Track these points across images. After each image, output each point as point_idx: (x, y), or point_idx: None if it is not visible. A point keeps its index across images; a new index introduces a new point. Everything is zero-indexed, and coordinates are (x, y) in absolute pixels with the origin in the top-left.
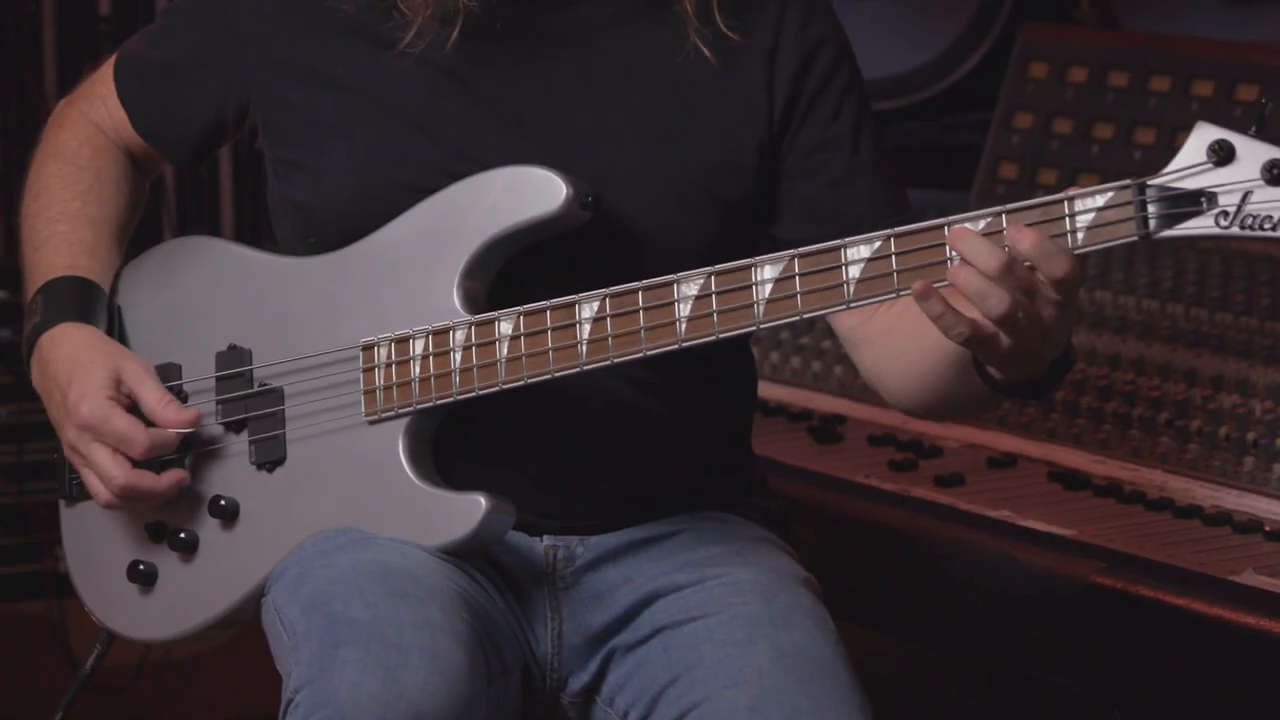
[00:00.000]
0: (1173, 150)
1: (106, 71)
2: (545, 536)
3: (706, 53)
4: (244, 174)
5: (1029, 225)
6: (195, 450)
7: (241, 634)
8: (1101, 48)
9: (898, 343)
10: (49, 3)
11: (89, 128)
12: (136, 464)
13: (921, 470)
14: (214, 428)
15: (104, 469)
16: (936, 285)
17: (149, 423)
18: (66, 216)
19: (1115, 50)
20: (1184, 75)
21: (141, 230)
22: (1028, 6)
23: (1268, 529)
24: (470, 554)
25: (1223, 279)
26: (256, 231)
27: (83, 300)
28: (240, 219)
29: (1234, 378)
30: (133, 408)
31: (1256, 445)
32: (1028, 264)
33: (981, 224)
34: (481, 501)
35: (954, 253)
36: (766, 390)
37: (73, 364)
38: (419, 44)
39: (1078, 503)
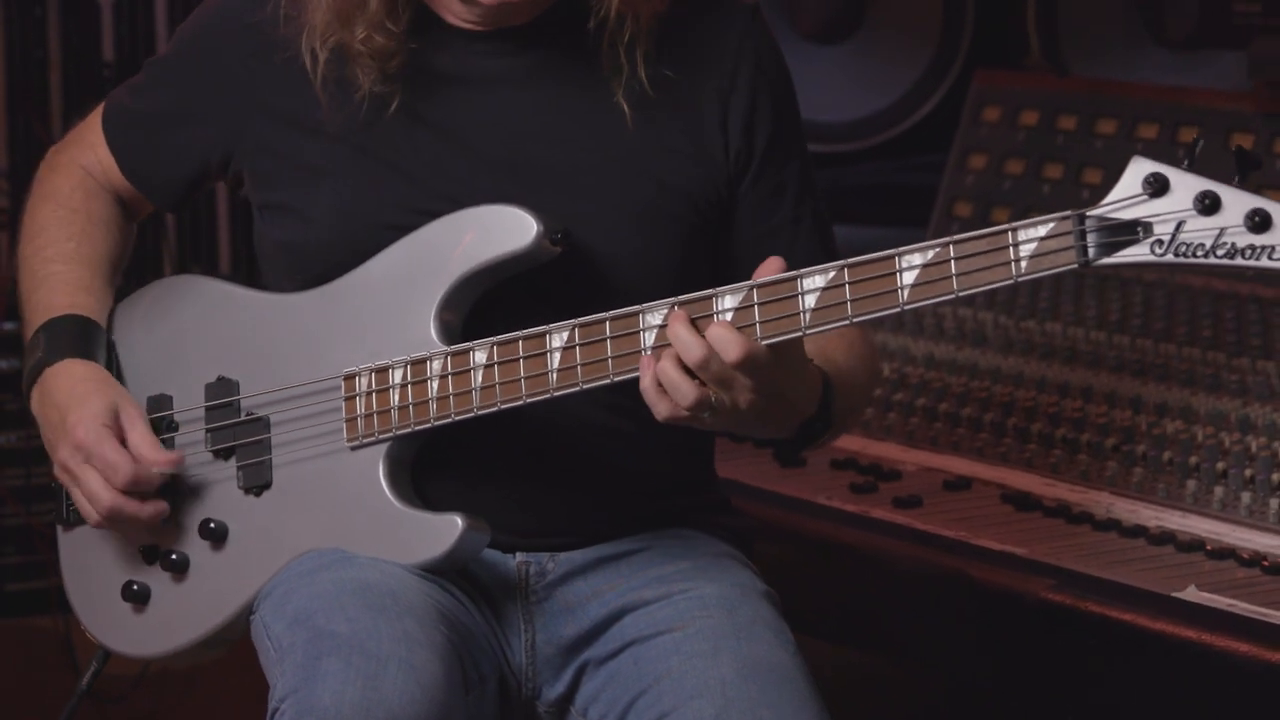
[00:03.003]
0: None
1: (95, 120)
2: (518, 553)
3: (626, 108)
4: (239, 213)
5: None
6: (185, 474)
7: (238, 648)
8: (1051, 93)
9: None
10: (55, 48)
11: (80, 173)
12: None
13: (881, 492)
14: (203, 454)
15: (92, 490)
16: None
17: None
18: (62, 257)
19: (1064, 95)
20: (1129, 119)
21: (143, 267)
22: (981, 54)
23: (1209, 548)
24: (448, 571)
25: (1166, 312)
26: (252, 267)
27: (82, 337)
28: (237, 256)
29: (1177, 405)
30: (125, 443)
31: (1198, 469)
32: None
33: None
34: (458, 521)
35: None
36: None
37: (73, 393)
38: (371, 104)
39: (1029, 523)
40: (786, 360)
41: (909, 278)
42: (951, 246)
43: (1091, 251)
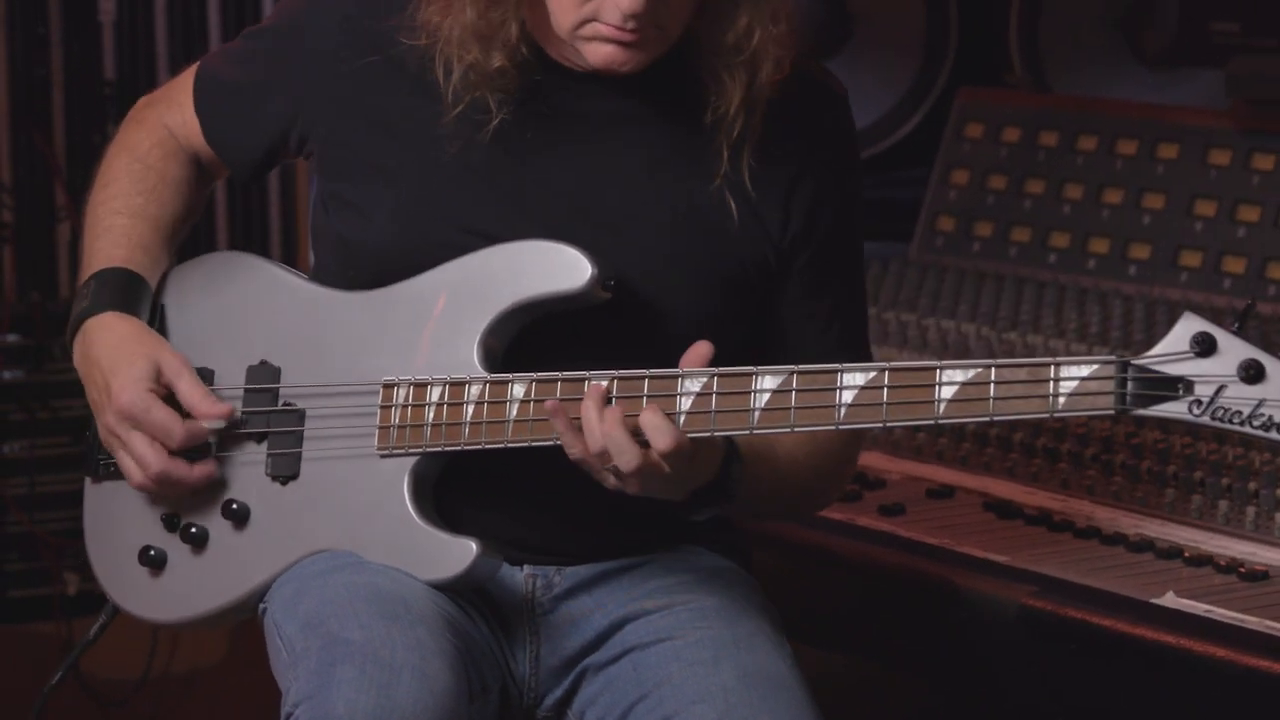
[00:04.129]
0: (1099, 205)
1: (187, 80)
2: (525, 566)
3: (729, 200)
4: (238, 202)
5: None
6: (220, 451)
7: (237, 651)
8: (1033, 109)
9: None
10: (57, 67)
11: (162, 130)
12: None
13: (866, 501)
14: (237, 434)
15: (141, 455)
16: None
17: (184, 414)
18: (129, 211)
19: (1046, 112)
20: (1109, 135)
21: None
22: (965, 71)
23: (1187, 555)
24: (458, 591)
25: (1146, 324)
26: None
27: (129, 292)
28: (234, 242)
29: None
30: (170, 399)
31: (1176, 478)
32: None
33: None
34: (473, 547)
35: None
36: None
37: (116, 354)
38: (469, 124)
39: (1011, 531)
40: (705, 448)
41: (947, 392)
42: (993, 369)
43: (1129, 400)
